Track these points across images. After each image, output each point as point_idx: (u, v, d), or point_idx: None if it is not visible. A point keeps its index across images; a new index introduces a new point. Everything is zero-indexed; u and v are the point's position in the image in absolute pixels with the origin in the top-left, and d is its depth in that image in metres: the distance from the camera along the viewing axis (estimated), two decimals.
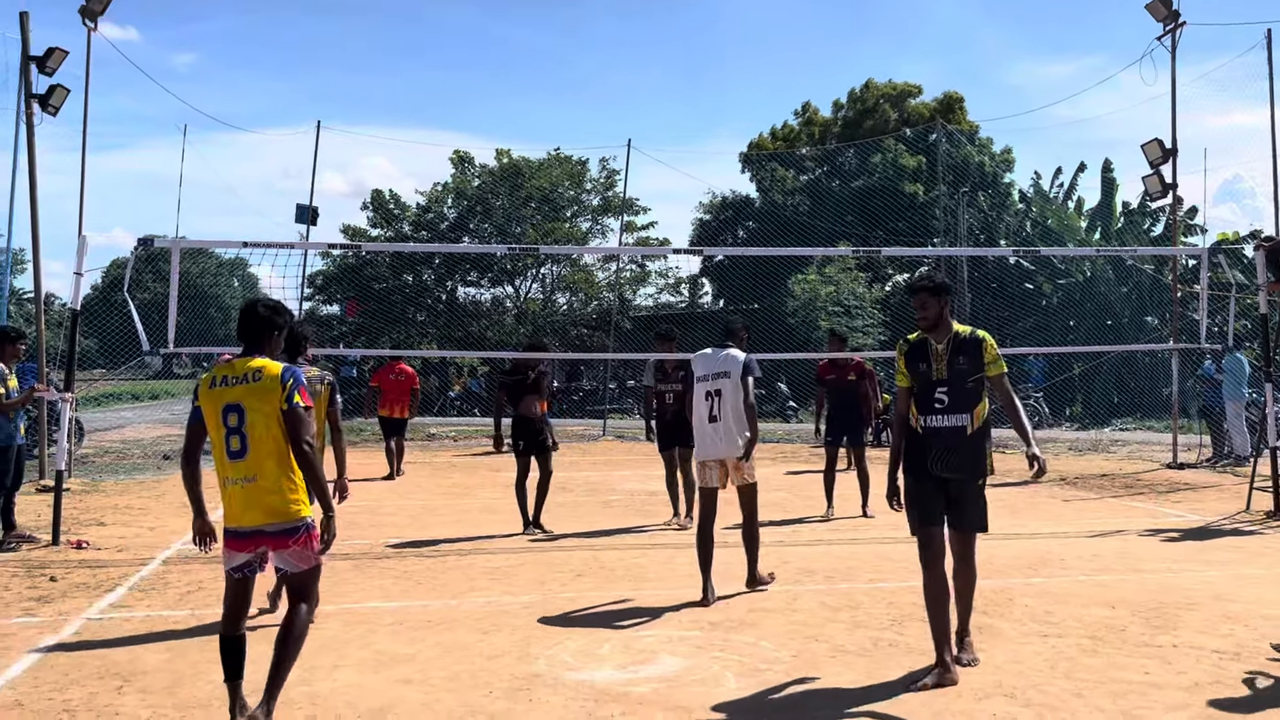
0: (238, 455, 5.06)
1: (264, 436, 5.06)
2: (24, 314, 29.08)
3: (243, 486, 5.07)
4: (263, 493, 5.07)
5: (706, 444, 8.30)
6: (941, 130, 32.04)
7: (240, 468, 5.07)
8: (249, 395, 5.08)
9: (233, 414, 5.07)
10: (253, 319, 5.30)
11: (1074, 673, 6.15)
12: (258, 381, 5.10)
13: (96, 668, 6.28)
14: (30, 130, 14.87)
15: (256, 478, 5.06)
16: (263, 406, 5.07)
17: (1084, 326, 28.98)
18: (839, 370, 12.59)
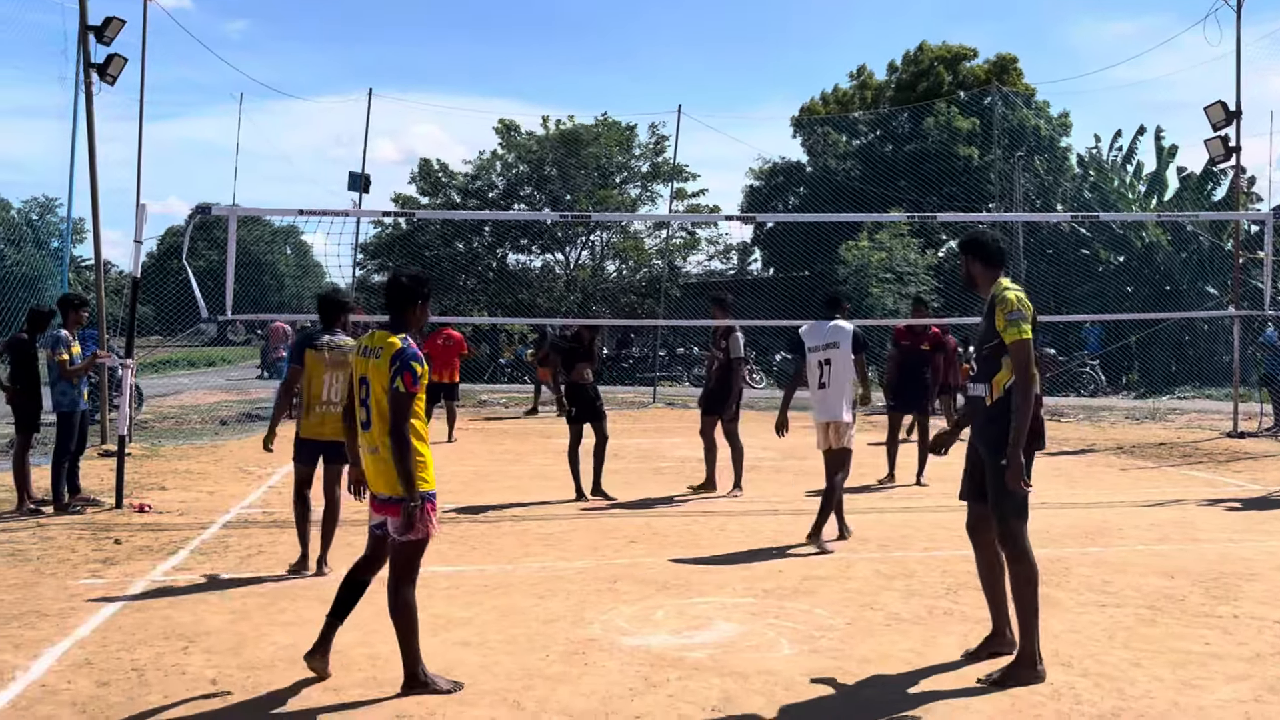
0: (365, 426, 5.28)
1: (383, 413, 5.20)
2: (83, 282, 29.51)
3: (370, 456, 5.28)
4: (384, 464, 5.21)
5: (817, 408, 9.17)
6: (997, 93, 31.55)
7: (367, 438, 5.28)
8: (373, 371, 5.23)
9: (363, 386, 5.27)
10: (396, 290, 5.36)
11: (1132, 642, 6.10)
12: (378, 359, 5.22)
13: (162, 628, 6.41)
14: (89, 99, 15.05)
15: (379, 450, 5.22)
16: (381, 382, 5.18)
17: (1141, 293, 28.54)
18: (914, 337, 12.59)
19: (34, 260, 23.42)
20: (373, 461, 5.27)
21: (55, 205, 42.53)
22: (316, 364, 7.91)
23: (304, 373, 7.95)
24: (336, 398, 7.80)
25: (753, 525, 9.82)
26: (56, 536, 9.22)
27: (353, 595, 5.56)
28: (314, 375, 7.91)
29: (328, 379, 7.89)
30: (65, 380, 10.58)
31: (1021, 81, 36.59)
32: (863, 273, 28.84)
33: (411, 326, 5.39)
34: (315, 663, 5.47)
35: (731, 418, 11.70)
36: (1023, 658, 5.46)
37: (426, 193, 35.28)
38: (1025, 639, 5.47)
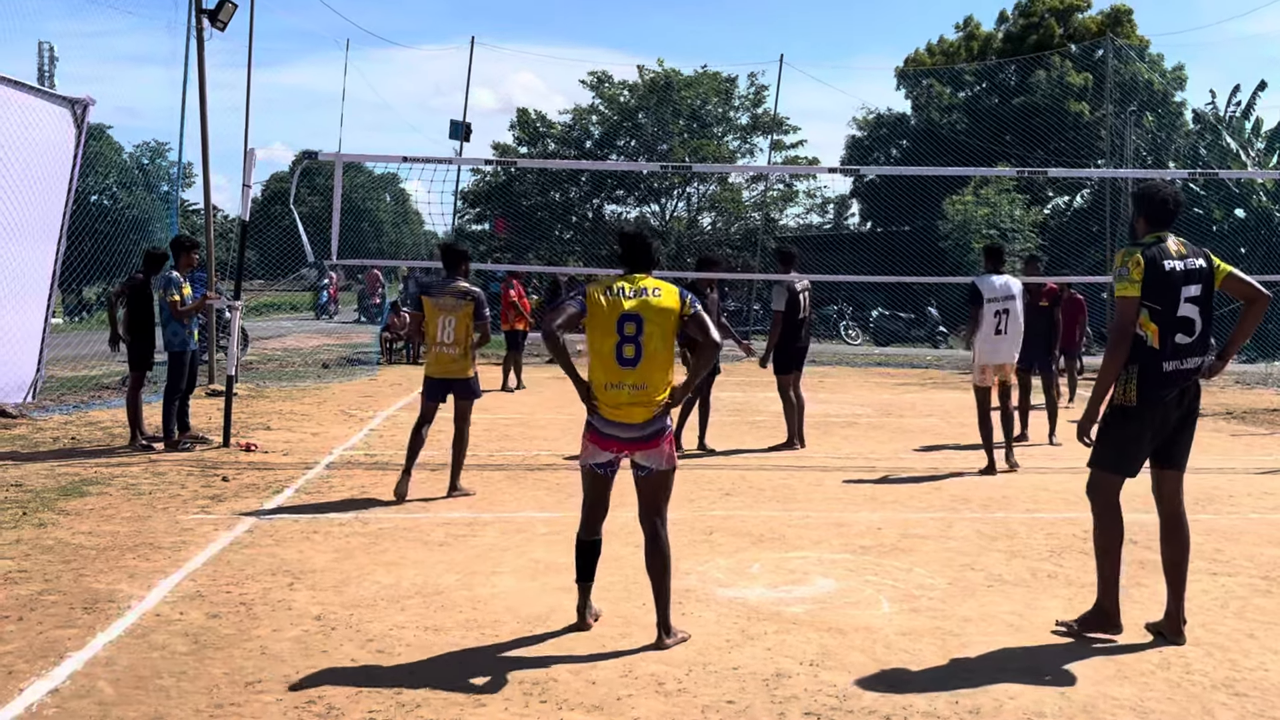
0: (632, 363, 5.27)
1: (659, 349, 5.29)
2: (190, 225, 30.20)
3: (631, 391, 5.27)
4: (647, 397, 5.28)
5: (989, 352, 10.32)
6: (1110, 45, 30.50)
7: (631, 374, 5.27)
8: (653, 308, 5.29)
9: (632, 323, 5.27)
10: (641, 245, 5.52)
11: (1245, 612, 5.93)
12: (658, 297, 5.32)
13: (269, 565, 6.57)
14: (200, 45, 15.29)
15: (645, 385, 5.27)
16: (662, 320, 5.28)
17: (1257, 254, 27.53)
18: (1032, 295, 12.30)
19: (144, 203, 24.03)
20: (633, 395, 5.27)
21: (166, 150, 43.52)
22: (432, 310, 8.70)
23: (424, 318, 8.77)
24: (450, 339, 8.64)
25: (849, 482, 9.73)
26: (168, 472, 9.50)
27: (594, 556, 5.55)
28: (430, 320, 8.69)
29: (441, 322, 8.65)
30: (176, 320, 10.85)
31: (1136, 34, 35.35)
32: (965, 228, 28.28)
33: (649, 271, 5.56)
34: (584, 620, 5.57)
35: (781, 370, 11.57)
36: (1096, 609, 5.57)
37: (525, 142, 35.37)
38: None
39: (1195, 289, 5.41)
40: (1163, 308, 5.33)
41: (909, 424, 13.95)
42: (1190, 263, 5.42)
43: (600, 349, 5.31)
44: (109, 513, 7.87)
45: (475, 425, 12.20)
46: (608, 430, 5.33)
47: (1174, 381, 5.37)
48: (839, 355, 25.32)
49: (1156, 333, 5.33)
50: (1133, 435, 5.41)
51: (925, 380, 20.00)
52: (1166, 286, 5.33)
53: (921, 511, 8.49)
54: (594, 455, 5.41)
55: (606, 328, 5.29)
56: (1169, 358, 5.33)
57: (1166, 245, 5.43)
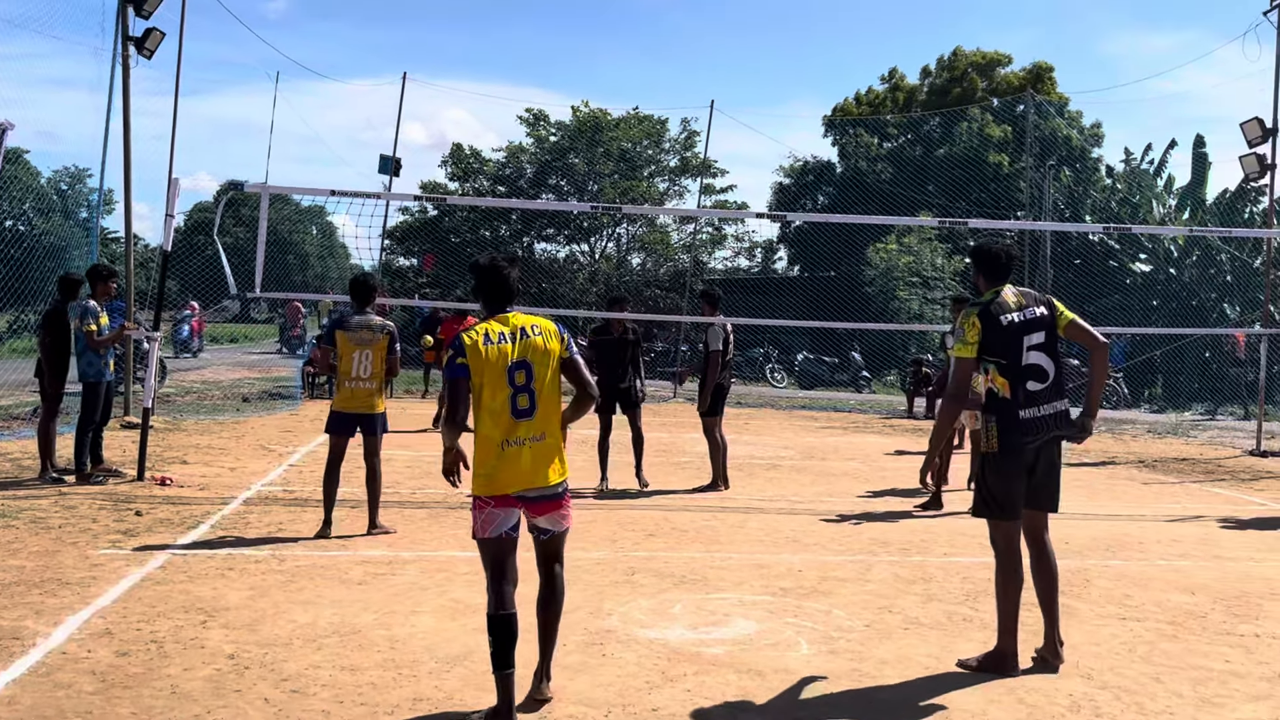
0: (528, 414, 4.90)
1: (551, 394, 4.98)
2: (109, 254, 29.66)
3: (534, 445, 4.91)
4: (553, 450, 4.97)
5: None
6: (1030, 101, 31.34)
7: (529, 427, 4.90)
8: (536, 350, 4.96)
9: (522, 371, 4.91)
10: (498, 278, 5.11)
11: (1152, 657, 6.06)
12: (540, 336, 4.99)
13: (181, 602, 6.44)
14: (126, 72, 15.11)
15: (545, 436, 4.94)
16: (549, 361, 4.97)
17: (1168, 308, 28.34)
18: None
19: (62, 230, 23.53)
20: (536, 450, 4.91)
21: (86, 175, 42.71)
22: (346, 343, 8.56)
23: (335, 352, 8.60)
24: (366, 373, 8.55)
25: (771, 524, 9.80)
26: (78, 506, 9.28)
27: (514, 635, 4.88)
28: (344, 354, 8.55)
29: (356, 356, 8.55)
30: (92, 351, 10.64)
31: (1056, 90, 36.36)
32: (889, 275, 28.75)
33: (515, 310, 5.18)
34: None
35: (707, 412, 11.66)
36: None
37: (457, 178, 35.32)
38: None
39: (1039, 336, 5.69)
40: (1007, 361, 5.63)
41: (832, 467, 14.09)
42: (1030, 312, 5.73)
43: (490, 404, 4.89)
44: (15, 547, 7.66)
45: (398, 462, 12.16)
46: (511, 492, 4.91)
47: (1035, 428, 5.63)
48: (764, 398, 25.51)
49: (1007, 385, 5.62)
50: (1003, 481, 5.67)
51: (849, 424, 20.21)
52: (1006, 339, 5.64)
53: (841, 554, 8.57)
54: (497, 524, 4.95)
55: (496, 381, 4.88)
56: (1024, 406, 5.60)
57: (1003, 299, 5.75)
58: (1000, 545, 5.73)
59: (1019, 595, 5.68)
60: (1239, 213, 29.03)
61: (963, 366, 5.71)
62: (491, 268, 5.12)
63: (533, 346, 4.96)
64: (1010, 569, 5.68)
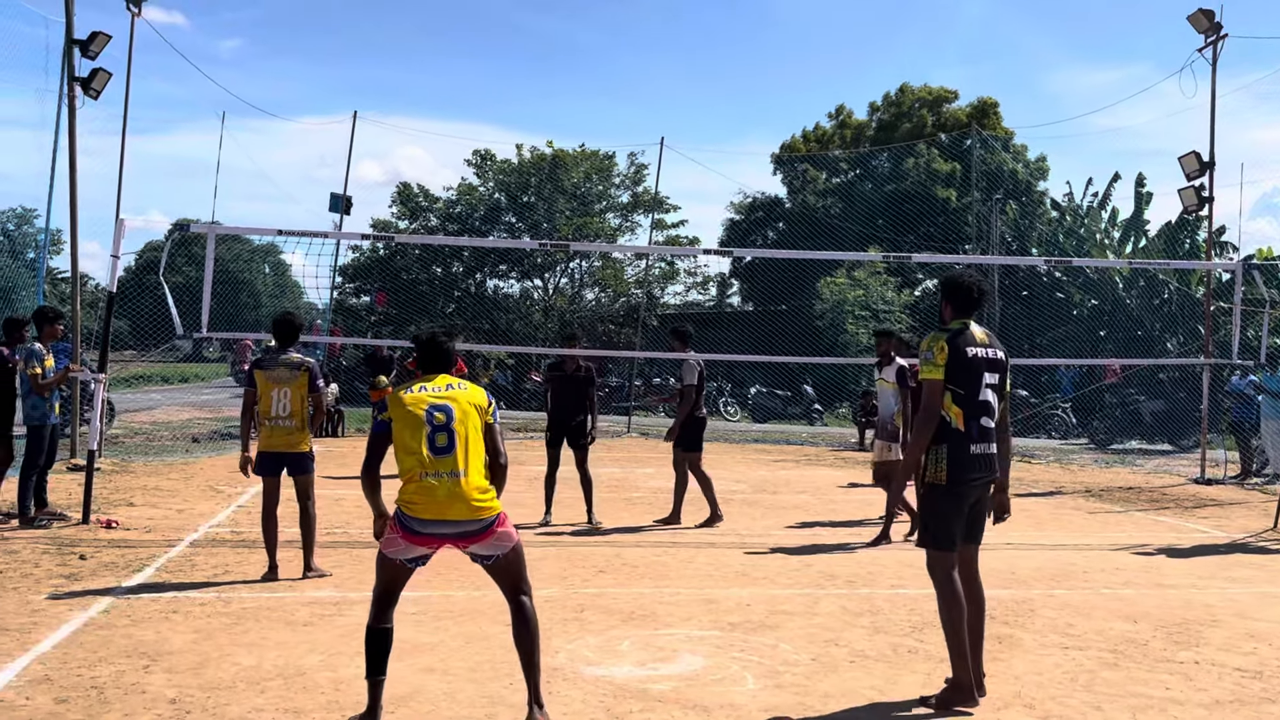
0: (447, 450, 5.13)
1: (474, 439, 5.20)
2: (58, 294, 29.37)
3: (450, 481, 5.10)
4: (469, 488, 5.12)
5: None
6: (976, 136, 31.89)
7: (445, 463, 5.11)
8: (454, 399, 5.24)
9: (442, 413, 5.18)
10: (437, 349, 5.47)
11: (1094, 685, 6.14)
12: (464, 391, 5.31)
13: (124, 646, 6.37)
14: (72, 113, 15.03)
15: (464, 473, 5.12)
16: (471, 411, 5.25)
17: (1115, 338, 28.80)
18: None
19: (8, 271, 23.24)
20: (453, 485, 5.09)
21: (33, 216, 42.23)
22: (265, 382, 8.50)
23: (256, 392, 8.54)
24: (285, 412, 8.47)
25: (721, 558, 9.84)
26: (21, 550, 9.16)
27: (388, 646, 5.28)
28: (263, 393, 8.49)
29: (275, 395, 8.47)
30: (36, 394, 10.53)
31: (1001, 125, 37.02)
32: (839, 309, 29.03)
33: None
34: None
35: (688, 448, 11.71)
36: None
37: (405, 216, 35.30)
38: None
39: (994, 377, 5.77)
40: (965, 392, 5.67)
41: (783, 500, 14.16)
42: (991, 352, 5.81)
43: (410, 444, 5.13)
44: None
45: (346, 502, 12.09)
46: (427, 529, 5.11)
47: (980, 466, 5.70)
48: (718, 432, 25.58)
49: (961, 415, 5.65)
50: (946, 511, 5.71)
51: (801, 457, 20.33)
52: (969, 371, 5.69)
53: (789, 588, 8.62)
54: (405, 550, 5.18)
55: (415, 423, 5.15)
56: (975, 440, 5.66)
57: (971, 333, 5.80)
58: (939, 576, 5.75)
59: (964, 624, 5.67)
60: (1180, 244, 29.61)
61: (933, 387, 5.67)
62: (427, 340, 5.50)
63: (453, 397, 5.26)
64: (952, 599, 5.69)
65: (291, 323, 8.82)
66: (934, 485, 5.70)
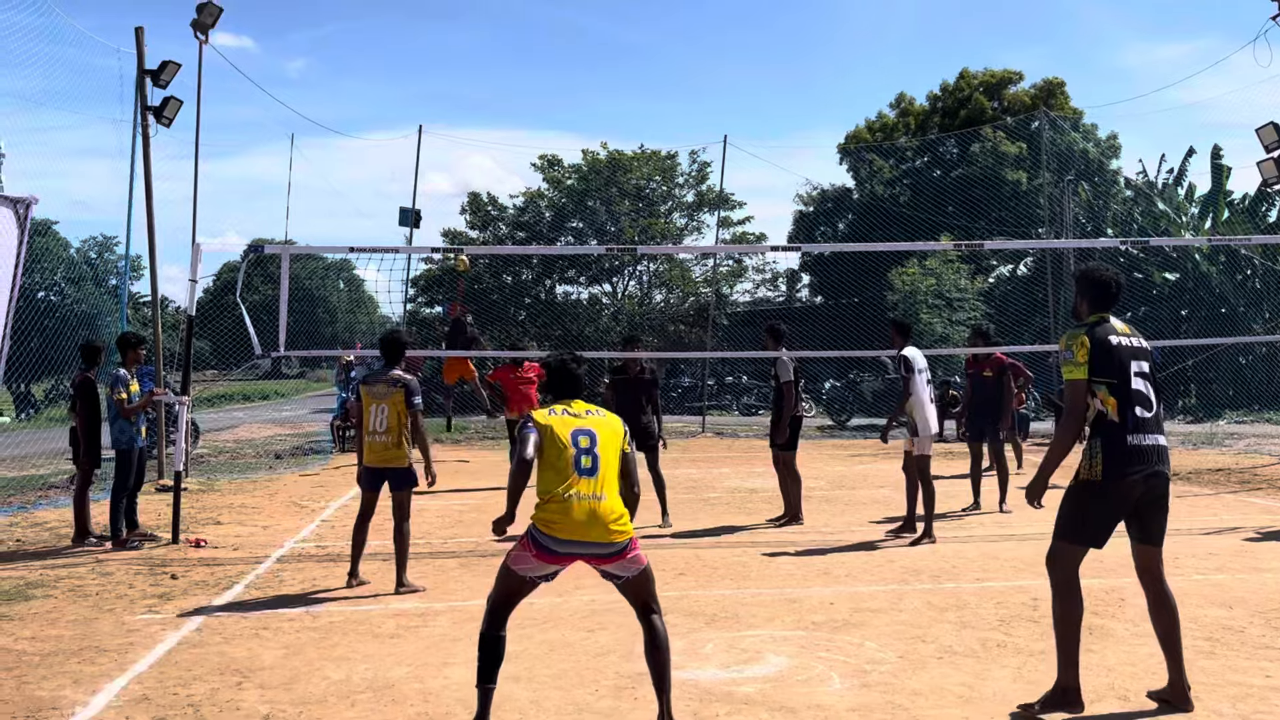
0: (591, 473, 5.26)
1: (612, 461, 5.34)
2: (140, 318, 30.10)
3: (592, 503, 5.21)
4: (609, 511, 5.23)
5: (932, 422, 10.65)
6: (1044, 117, 31.33)
7: (588, 485, 5.23)
8: (606, 429, 5.41)
9: (586, 437, 5.32)
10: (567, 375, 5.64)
11: (1190, 675, 5.96)
12: (606, 419, 5.47)
13: (217, 664, 6.50)
14: (146, 141, 15.38)
15: (605, 497, 5.25)
16: (613, 437, 5.40)
17: (1197, 316, 28.14)
18: (977, 365, 12.79)
19: (93, 298, 23.89)
20: (594, 507, 5.20)
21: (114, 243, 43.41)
22: (366, 398, 8.78)
23: (360, 406, 8.86)
24: (382, 428, 8.65)
25: (802, 557, 9.78)
26: (115, 572, 9.38)
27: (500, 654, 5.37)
28: (365, 408, 8.75)
29: (373, 410, 8.69)
30: (123, 418, 10.79)
31: (1069, 105, 36.35)
32: (912, 299, 28.70)
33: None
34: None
35: (785, 446, 11.60)
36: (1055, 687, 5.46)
37: (476, 226, 35.62)
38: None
39: (1144, 364, 5.47)
40: (1117, 381, 5.37)
41: (861, 495, 14.05)
42: (1136, 341, 5.54)
43: (556, 463, 5.25)
44: (53, 616, 7.75)
45: (429, 512, 12.22)
46: (563, 549, 5.22)
47: (1140, 458, 5.33)
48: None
49: (1115, 406, 5.35)
50: (1098, 510, 5.41)
51: (878, 450, 20.13)
52: (1116, 361, 5.40)
53: (873, 584, 8.54)
54: (536, 569, 5.30)
55: (559, 444, 5.26)
56: (1132, 431, 5.32)
57: (1111, 324, 5.54)
58: (1060, 573, 5.47)
59: (1079, 626, 5.44)
60: (1262, 218, 28.87)
61: (1076, 387, 5.40)
62: (560, 367, 5.65)
63: (596, 421, 5.42)
64: (1068, 596, 5.43)
65: (395, 341, 9.07)
66: (1088, 482, 5.38)
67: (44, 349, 15.81)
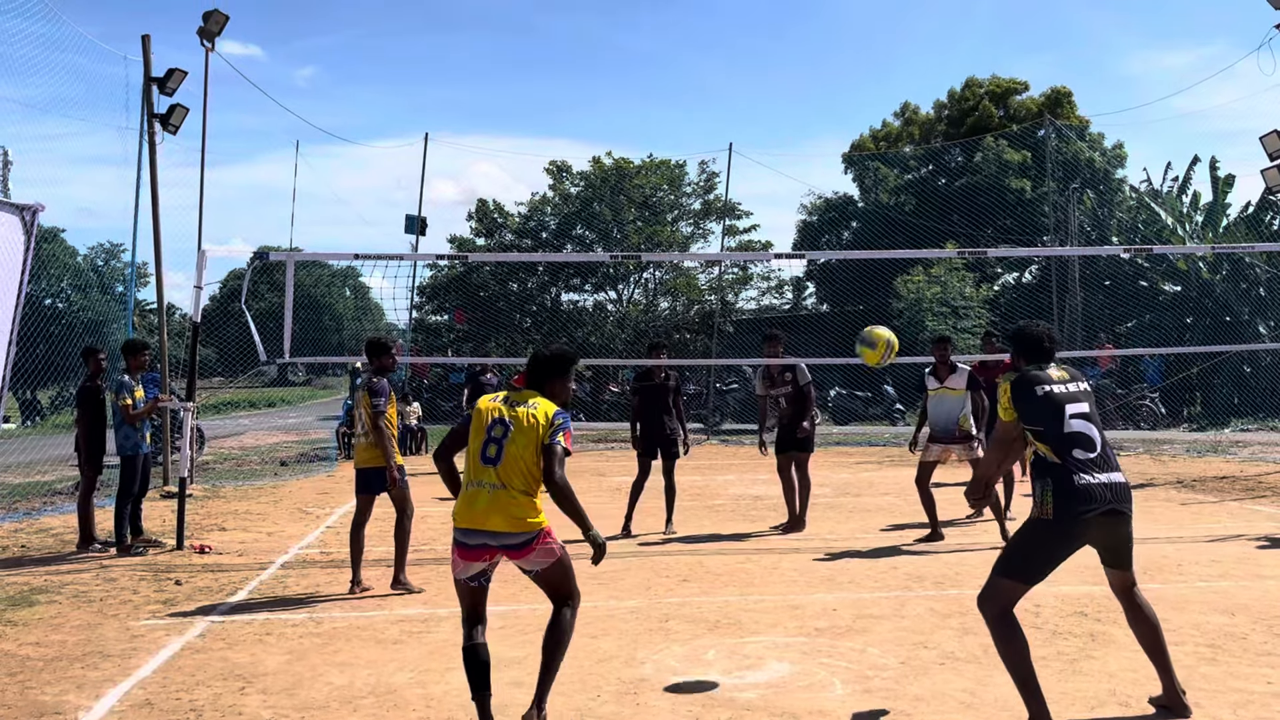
0: (495, 461, 5.27)
1: (520, 454, 5.27)
2: (147, 325, 30.16)
3: (492, 491, 5.26)
4: (510, 501, 5.26)
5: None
6: (1049, 126, 31.32)
7: (489, 473, 5.27)
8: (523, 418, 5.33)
9: (500, 426, 5.33)
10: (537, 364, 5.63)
11: (1192, 681, 5.99)
12: (530, 409, 5.37)
13: (220, 669, 6.52)
14: (152, 148, 15.44)
15: (506, 485, 5.25)
16: (530, 432, 5.30)
17: (1202, 324, 28.10)
18: (987, 371, 12.69)
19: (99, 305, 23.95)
20: (493, 496, 5.23)
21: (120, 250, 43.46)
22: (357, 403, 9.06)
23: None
24: (362, 430, 8.92)
25: (805, 563, 9.78)
26: (119, 578, 9.41)
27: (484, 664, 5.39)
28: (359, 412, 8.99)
29: (358, 414, 9.00)
30: (128, 424, 10.83)
31: (1075, 114, 36.33)
32: (918, 307, 28.69)
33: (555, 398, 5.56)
34: None
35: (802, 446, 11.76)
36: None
37: (482, 233, 35.70)
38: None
39: (1083, 406, 5.50)
40: (1044, 428, 5.43)
41: (866, 503, 14.04)
42: (1072, 386, 5.58)
43: (470, 450, 5.39)
44: (58, 621, 7.78)
45: (433, 519, 12.22)
46: (470, 540, 5.27)
47: (1090, 497, 5.30)
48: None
49: (1050, 450, 5.40)
50: (1049, 546, 5.38)
51: (883, 458, 20.13)
52: (1043, 409, 5.46)
53: (876, 591, 8.55)
54: (464, 570, 5.37)
55: (478, 431, 5.36)
56: (1077, 471, 5.32)
57: (1043, 373, 5.61)
58: (995, 610, 5.34)
59: (1029, 657, 5.26)
60: (1266, 226, 28.83)
61: (1004, 427, 5.64)
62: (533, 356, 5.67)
63: (522, 413, 5.36)
64: (1009, 634, 5.30)
65: (370, 344, 9.25)
66: (1040, 520, 5.37)
67: (50, 356, 15.84)
